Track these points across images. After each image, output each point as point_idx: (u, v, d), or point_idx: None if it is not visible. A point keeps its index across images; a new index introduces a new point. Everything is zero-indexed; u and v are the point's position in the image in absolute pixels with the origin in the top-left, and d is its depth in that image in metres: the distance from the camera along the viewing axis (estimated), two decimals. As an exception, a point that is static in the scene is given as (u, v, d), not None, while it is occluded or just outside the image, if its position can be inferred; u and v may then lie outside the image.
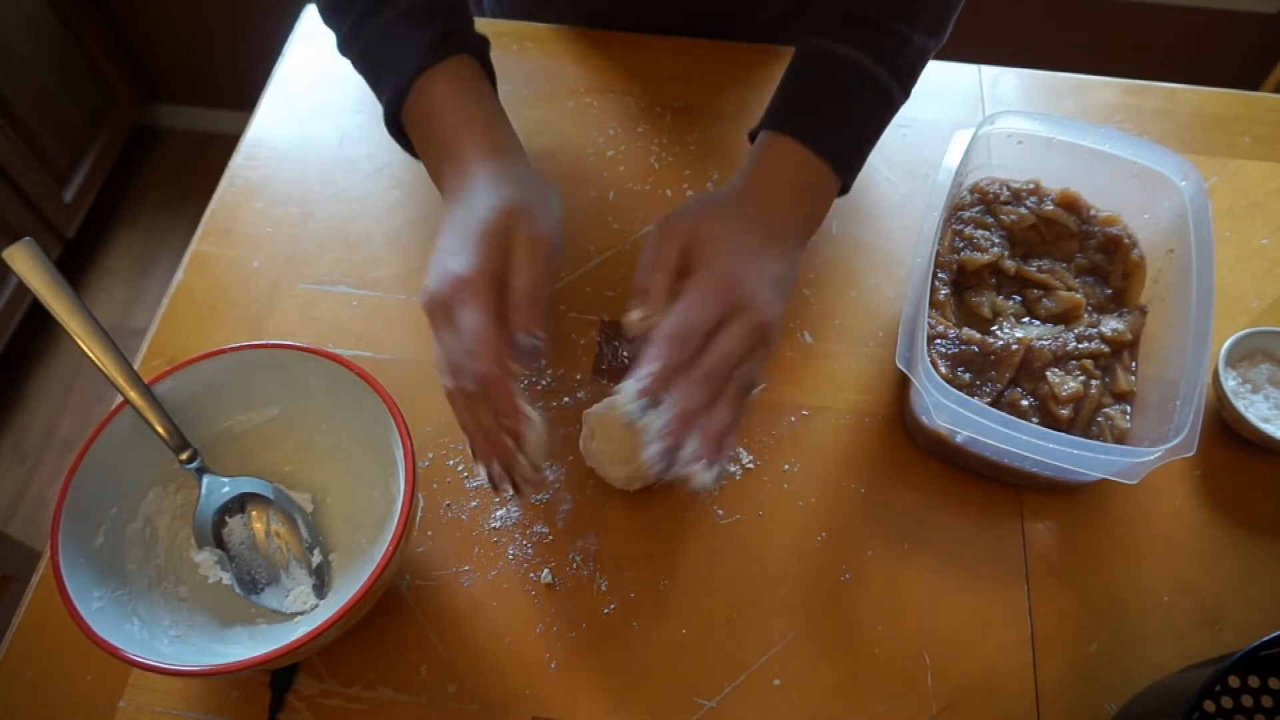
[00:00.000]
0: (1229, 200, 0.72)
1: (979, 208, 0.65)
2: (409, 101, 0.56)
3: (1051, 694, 0.53)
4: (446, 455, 0.60)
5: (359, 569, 0.52)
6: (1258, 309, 0.67)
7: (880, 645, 0.54)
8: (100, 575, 0.49)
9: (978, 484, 0.59)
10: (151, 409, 0.51)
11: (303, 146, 0.75)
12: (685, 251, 0.52)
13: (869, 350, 0.65)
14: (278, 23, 0.96)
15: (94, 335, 0.50)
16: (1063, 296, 0.62)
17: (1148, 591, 0.56)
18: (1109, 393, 0.58)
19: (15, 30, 1.61)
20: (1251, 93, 0.79)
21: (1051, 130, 0.63)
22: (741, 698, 0.52)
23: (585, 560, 0.56)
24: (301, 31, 0.82)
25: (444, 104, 0.55)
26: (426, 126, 0.56)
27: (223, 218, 0.71)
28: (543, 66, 0.80)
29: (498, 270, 0.48)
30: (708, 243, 0.52)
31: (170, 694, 0.53)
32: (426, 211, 0.71)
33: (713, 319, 0.49)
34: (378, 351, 0.65)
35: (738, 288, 0.50)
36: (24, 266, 0.50)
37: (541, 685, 0.53)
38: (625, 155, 0.74)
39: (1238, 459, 0.60)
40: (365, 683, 0.53)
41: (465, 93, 0.56)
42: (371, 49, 0.58)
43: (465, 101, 0.56)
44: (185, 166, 2.05)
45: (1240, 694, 0.50)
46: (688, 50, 0.80)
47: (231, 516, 0.54)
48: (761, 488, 0.59)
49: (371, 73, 0.59)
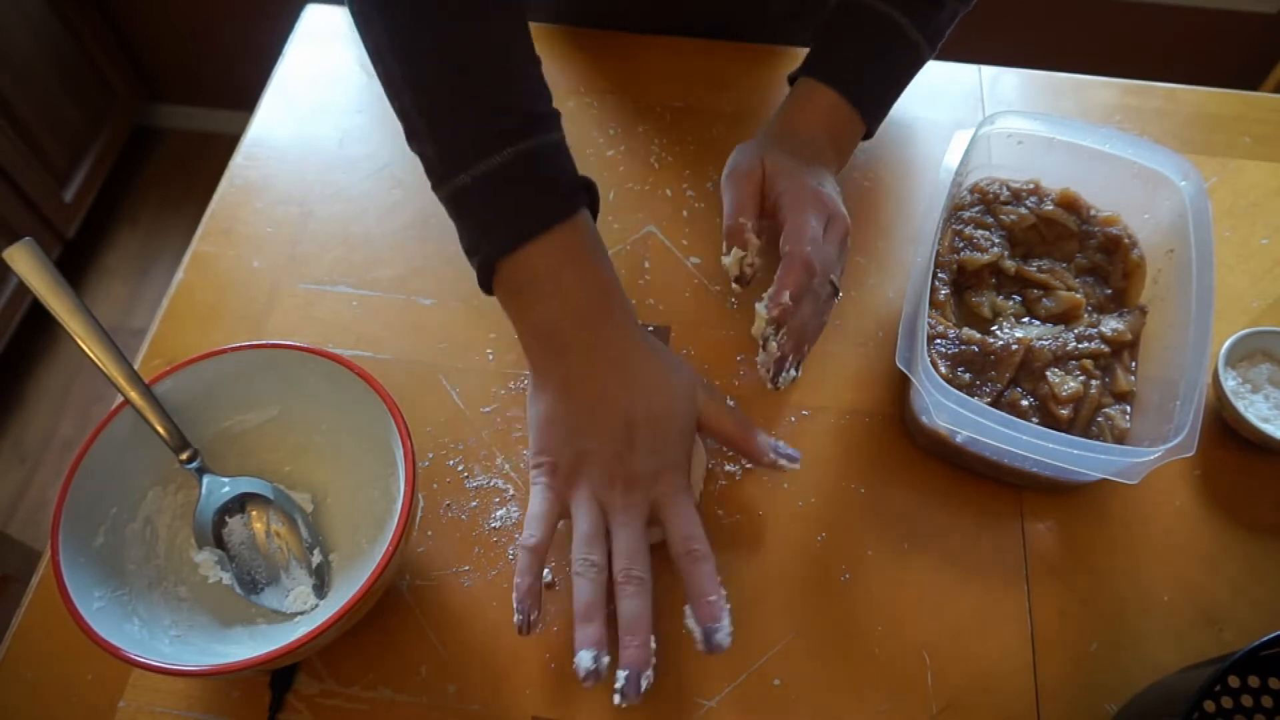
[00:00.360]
0: (1229, 200, 0.72)
1: (979, 208, 0.65)
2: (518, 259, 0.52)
3: (1051, 694, 0.53)
4: (446, 455, 0.60)
5: (359, 569, 0.52)
6: (1258, 309, 0.67)
7: (880, 645, 0.54)
8: (100, 575, 0.49)
9: (978, 484, 0.59)
10: (151, 409, 0.51)
11: (303, 146, 0.75)
12: (758, 187, 0.59)
13: (869, 350, 0.65)
14: (278, 23, 0.96)
15: (94, 335, 0.50)
16: (1063, 296, 0.62)
17: (1148, 591, 0.56)
18: (1109, 393, 0.58)
19: (15, 30, 1.61)
20: (1251, 93, 0.79)
21: (1051, 130, 0.63)
22: (741, 698, 0.52)
23: (585, 560, 0.56)
24: (301, 31, 0.82)
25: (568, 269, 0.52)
26: (540, 290, 0.52)
27: (223, 218, 0.71)
28: (543, 66, 0.79)
29: None
30: (778, 174, 0.59)
31: (170, 694, 0.53)
32: (427, 212, 0.71)
33: (821, 227, 0.56)
34: (378, 351, 0.65)
35: (825, 198, 0.58)
36: (24, 266, 0.50)
37: (541, 685, 0.53)
38: (625, 155, 0.74)
39: (1238, 459, 0.60)
40: (365, 683, 0.53)
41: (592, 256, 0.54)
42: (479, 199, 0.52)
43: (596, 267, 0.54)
44: (185, 166, 2.05)
45: (1240, 694, 0.50)
46: (687, 50, 0.80)
47: (231, 516, 0.54)
48: (761, 488, 0.59)
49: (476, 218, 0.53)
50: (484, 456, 0.60)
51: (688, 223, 0.71)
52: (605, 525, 0.51)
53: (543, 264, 0.52)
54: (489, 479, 0.59)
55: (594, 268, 0.53)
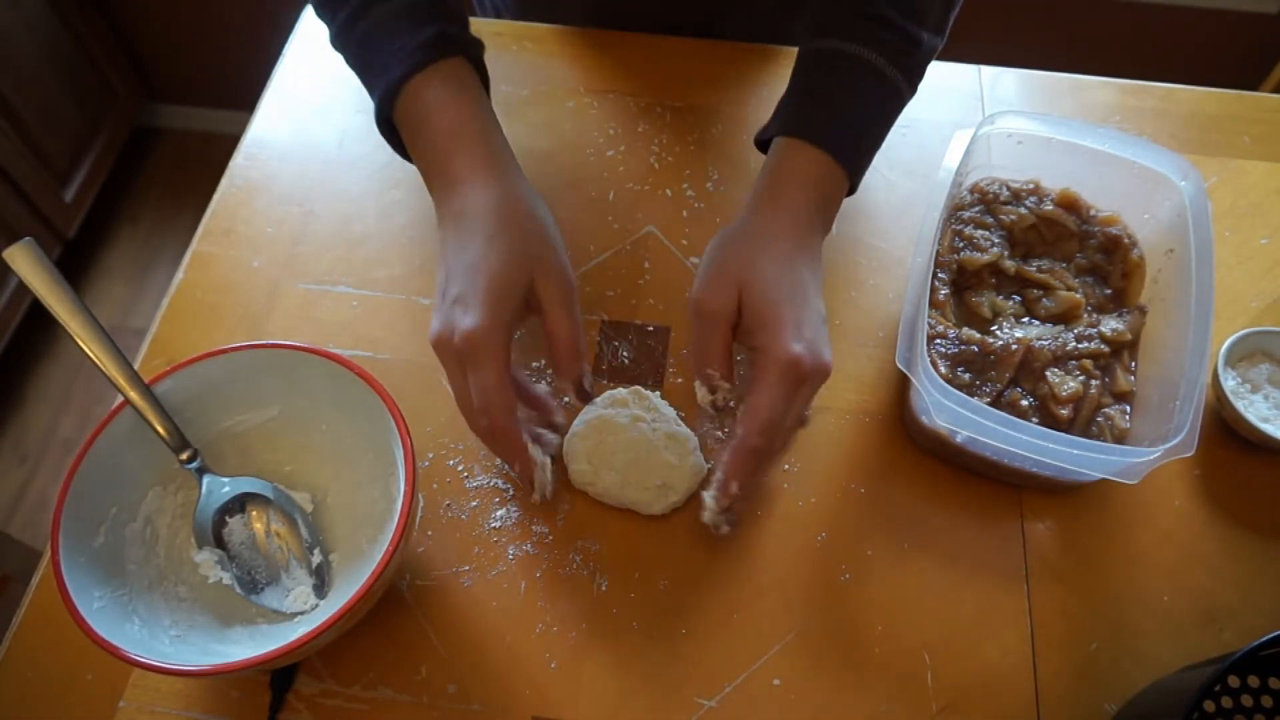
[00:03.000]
0: (1229, 200, 0.72)
1: (979, 208, 0.65)
2: (400, 103, 0.55)
3: (1051, 694, 0.53)
4: (446, 455, 0.60)
5: (359, 569, 0.52)
6: (1257, 309, 0.67)
7: (880, 645, 0.54)
8: (100, 575, 0.49)
9: (978, 484, 0.59)
10: (151, 409, 0.51)
11: (303, 146, 0.75)
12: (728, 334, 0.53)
13: (869, 350, 0.65)
14: (278, 23, 0.96)
15: (94, 335, 0.50)
16: (1062, 296, 0.62)
17: (1148, 591, 0.56)
18: (1109, 393, 0.58)
19: (15, 30, 1.61)
20: (1251, 93, 0.79)
21: (1051, 130, 0.63)
22: (741, 698, 0.52)
23: (585, 560, 0.56)
24: (301, 31, 0.82)
25: (436, 109, 0.55)
26: (418, 132, 0.56)
27: (223, 218, 0.71)
28: (542, 66, 0.80)
29: (508, 323, 0.50)
30: (757, 300, 0.52)
31: (170, 694, 0.53)
32: (427, 212, 0.71)
33: (785, 406, 0.51)
34: (378, 351, 0.65)
35: (802, 362, 0.50)
36: (24, 266, 0.50)
37: (541, 685, 0.53)
38: (625, 155, 0.74)
39: (1237, 459, 0.60)
40: (365, 683, 0.53)
41: (458, 98, 0.55)
42: (365, 45, 0.57)
43: (459, 107, 0.55)
44: (185, 166, 2.05)
45: (1240, 694, 0.50)
46: (687, 50, 0.80)
47: (231, 516, 0.54)
48: (761, 487, 0.59)
49: (363, 70, 0.59)
50: (484, 456, 0.60)
51: (688, 223, 0.71)
52: None
53: (411, 107, 0.55)
54: (489, 479, 0.59)
55: (450, 114, 0.55)
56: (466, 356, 0.50)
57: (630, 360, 0.64)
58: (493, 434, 0.51)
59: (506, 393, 0.50)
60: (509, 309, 0.50)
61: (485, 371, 0.49)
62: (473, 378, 0.50)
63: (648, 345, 0.65)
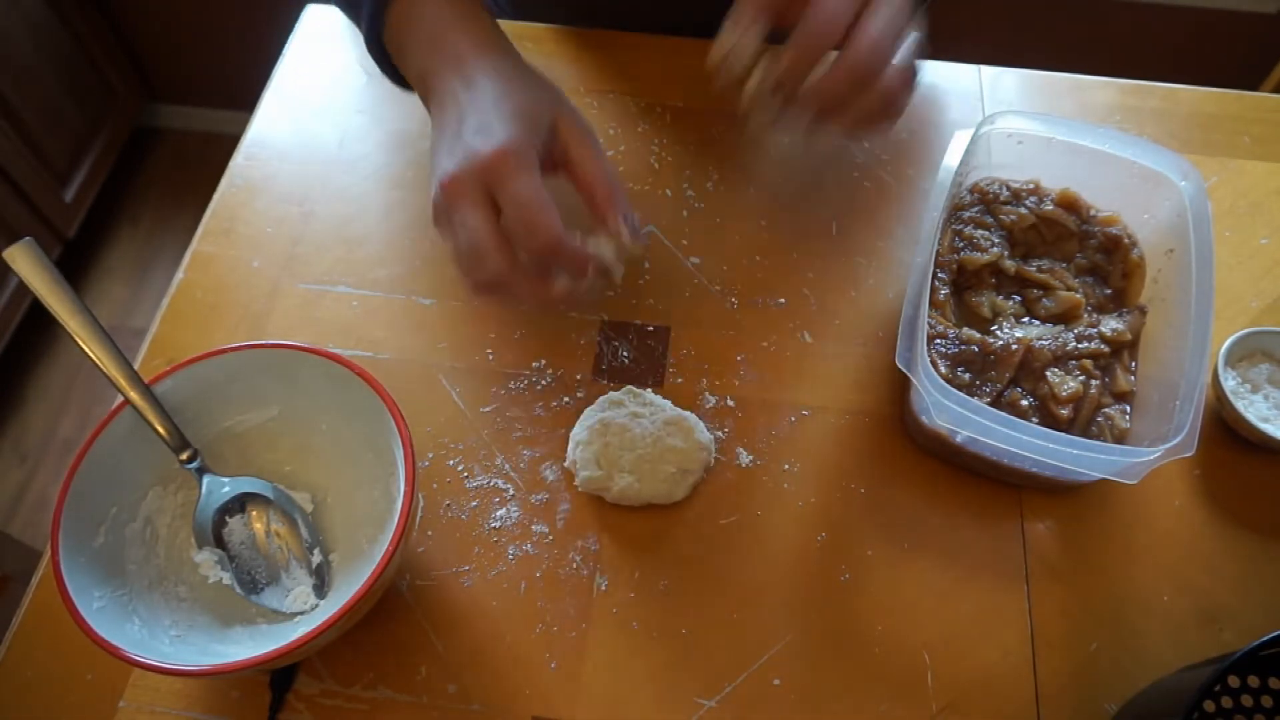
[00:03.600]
0: (1229, 200, 0.72)
1: (979, 208, 0.65)
2: (392, 10, 0.52)
3: (1051, 694, 0.53)
4: (446, 455, 0.60)
5: (359, 569, 0.52)
6: (1257, 309, 0.67)
7: (880, 645, 0.54)
8: (100, 575, 0.49)
9: (978, 484, 0.59)
10: (151, 409, 0.51)
11: (303, 146, 0.75)
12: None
13: (869, 350, 0.65)
14: (278, 23, 0.96)
15: (94, 335, 0.50)
16: (1062, 296, 0.62)
17: (1148, 591, 0.56)
18: (1109, 393, 0.58)
19: (15, 30, 1.61)
20: (1251, 93, 0.79)
21: (1051, 130, 0.63)
22: (741, 698, 0.52)
23: (585, 560, 0.56)
24: (301, 31, 0.82)
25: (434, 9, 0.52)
26: (414, 29, 0.52)
27: (223, 218, 0.71)
28: (541, 66, 0.79)
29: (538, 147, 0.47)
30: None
31: (170, 694, 0.53)
32: (427, 212, 0.71)
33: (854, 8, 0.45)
34: (378, 351, 0.65)
35: None
36: (24, 266, 0.50)
37: (541, 685, 0.53)
38: (625, 155, 0.74)
39: (1237, 459, 0.60)
40: (365, 683, 0.53)
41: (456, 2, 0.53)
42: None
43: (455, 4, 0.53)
44: (185, 166, 2.05)
45: (1240, 694, 0.50)
46: (688, 50, 0.80)
47: (231, 516, 0.54)
48: (761, 488, 0.59)
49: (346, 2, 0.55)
50: (484, 456, 0.60)
51: (688, 223, 0.71)
52: None
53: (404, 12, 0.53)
54: (489, 479, 0.59)
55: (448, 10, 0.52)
56: (498, 174, 0.45)
57: (630, 360, 0.64)
58: (550, 249, 0.46)
59: (550, 202, 0.45)
60: (539, 134, 0.47)
61: (522, 182, 0.45)
62: (509, 195, 0.45)
63: (648, 345, 0.65)
